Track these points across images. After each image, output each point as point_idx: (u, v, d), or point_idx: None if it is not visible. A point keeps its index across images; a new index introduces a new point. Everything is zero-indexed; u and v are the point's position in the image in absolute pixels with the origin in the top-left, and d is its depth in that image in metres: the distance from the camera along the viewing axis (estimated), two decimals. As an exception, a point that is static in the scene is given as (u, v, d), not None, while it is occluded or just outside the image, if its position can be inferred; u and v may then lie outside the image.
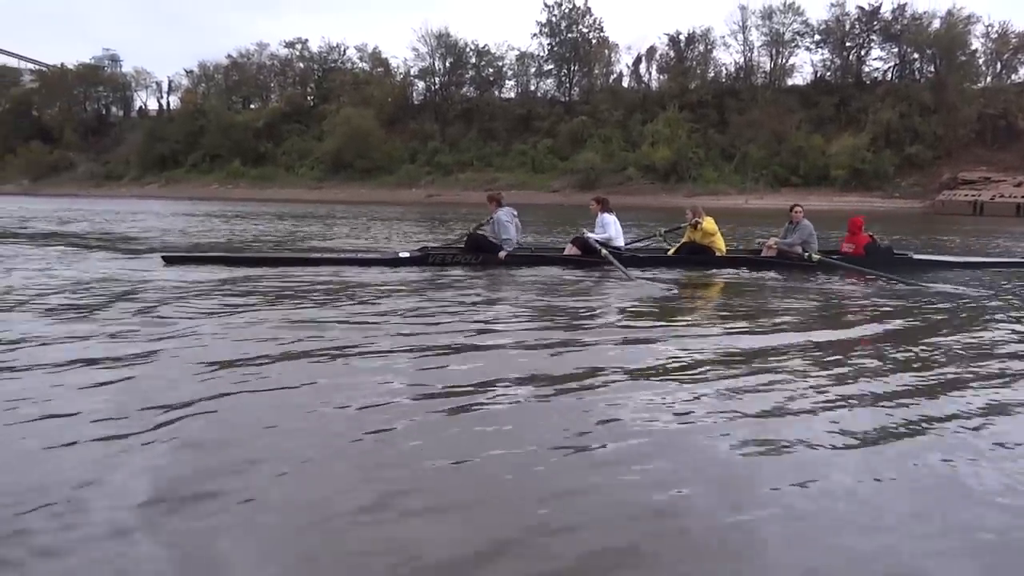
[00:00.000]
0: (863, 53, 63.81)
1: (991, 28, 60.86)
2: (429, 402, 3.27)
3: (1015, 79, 60.76)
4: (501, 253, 8.70)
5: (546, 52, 69.85)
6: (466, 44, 70.95)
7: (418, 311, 5.63)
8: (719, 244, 9.21)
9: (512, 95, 71.93)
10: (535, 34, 70.50)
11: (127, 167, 75.29)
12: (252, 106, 78.61)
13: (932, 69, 59.98)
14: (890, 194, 51.25)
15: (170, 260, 8.46)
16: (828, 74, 64.56)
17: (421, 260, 8.62)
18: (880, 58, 63.62)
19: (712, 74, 67.07)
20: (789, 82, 65.33)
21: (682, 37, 66.69)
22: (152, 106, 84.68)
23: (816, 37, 64.22)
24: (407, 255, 8.86)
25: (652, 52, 69.25)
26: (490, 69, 71.81)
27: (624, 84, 70.61)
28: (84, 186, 69.77)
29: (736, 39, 65.92)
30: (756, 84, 64.38)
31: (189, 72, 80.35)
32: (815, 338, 4.93)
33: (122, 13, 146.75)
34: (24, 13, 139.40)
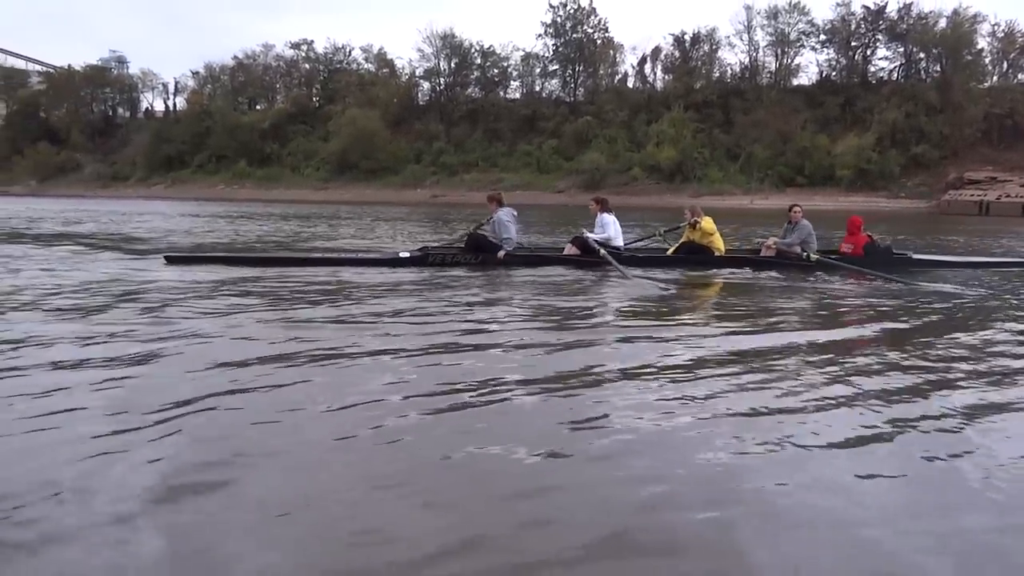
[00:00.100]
0: (869, 53, 63.77)
1: (997, 27, 60.84)
2: (425, 400, 3.30)
3: (1022, 78, 60.65)
4: (500, 253, 8.75)
5: (551, 52, 70.02)
6: (471, 45, 71.28)
7: (417, 311, 5.67)
8: (718, 244, 9.24)
9: (517, 96, 71.98)
10: (540, 34, 70.95)
11: (133, 168, 75.64)
12: (258, 107, 78.89)
13: (938, 68, 59.84)
14: (896, 194, 51.13)
15: (171, 260, 8.55)
16: (833, 74, 64.45)
17: (421, 260, 8.66)
18: (886, 58, 63.73)
19: (717, 74, 67.05)
20: (794, 82, 65.26)
21: (687, 37, 66.81)
22: (158, 107, 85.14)
23: (821, 37, 64.17)
24: (407, 255, 8.91)
25: (657, 52, 69.35)
26: (495, 70, 71.95)
27: (629, 84, 70.65)
28: (91, 187, 70.13)
29: (741, 39, 66.00)
30: (761, 84, 64.29)
31: (195, 73, 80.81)
32: (811, 338, 4.95)
33: (129, 15, 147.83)
34: (31, 15, 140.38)
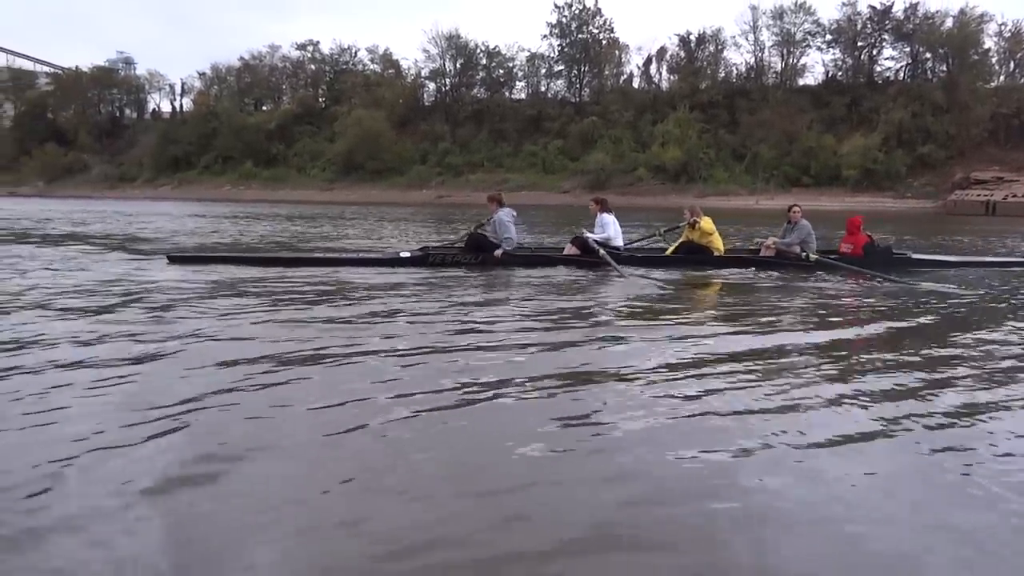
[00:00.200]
0: (875, 53, 63.66)
1: (1004, 27, 60.71)
2: (421, 399, 3.32)
3: (1029, 78, 60.41)
4: (497, 252, 8.79)
5: (556, 53, 70.18)
6: (476, 45, 71.47)
7: (416, 311, 5.70)
8: (717, 244, 9.26)
9: (522, 96, 72.16)
10: (545, 35, 71.16)
11: (140, 169, 76.06)
12: (264, 108, 79.26)
13: (944, 68, 59.66)
14: (902, 194, 50.98)
15: (173, 259, 8.63)
16: (839, 74, 64.36)
17: (421, 260, 8.70)
18: (892, 58, 63.63)
19: (723, 74, 67.04)
20: (800, 82, 65.26)
21: (692, 37, 66.88)
22: (165, 108, 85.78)
23: (827, 37, 64.15)
24: (408, 255, 8.95)
25: (662, 52, 69.43)
26: (500, 70, 72.10)
27: (634, 85, 70.75)
28: (98, 188, 70.57)
29: (747, 39, 66.09)
30: (767, 84, 64.27)
31: (202, 74, 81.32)
32: (809, 338, 4.95)
33: (136, 16, 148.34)
34: (39, 16, 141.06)
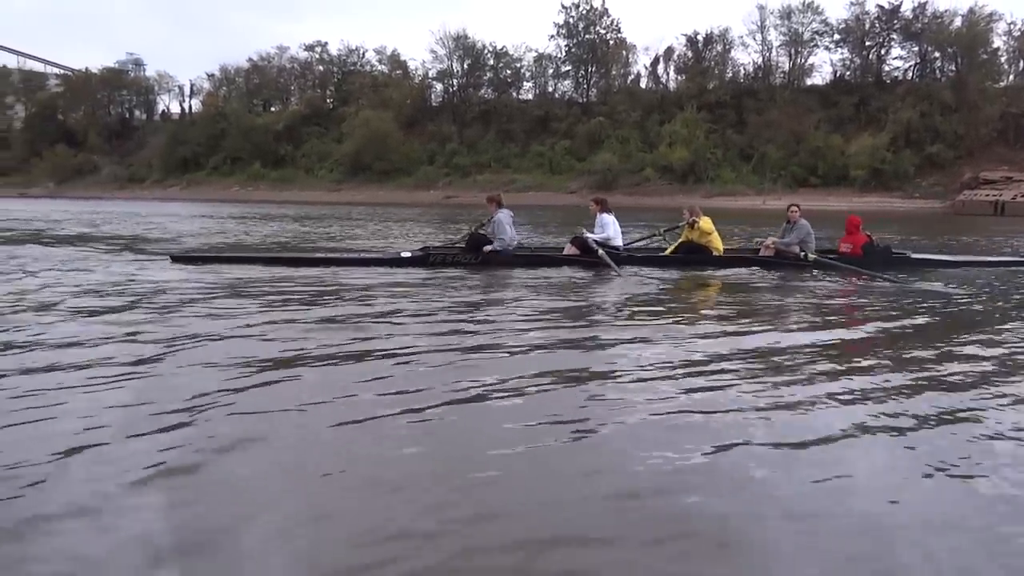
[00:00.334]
0: (883, 52, 63.27)
1: (1013, 26, 60.23)
2: (416, 396, 3.36)
3: (1039, 77, 60.02)
4: (486, 247, 8.87)
5: (564, 53, 70.01)
6: (484, 46, 71.38)
7: (416, 311, 5.75)
8: (716, 243, 9.29)
9: (530, 96, 72.05)
10: (553, 35, 70.90)
11: (150, 170, 76.36)
12: (272, 109, 79.40)
13: (953, 68, 59.29)
14: (910, 194, 50.69)
15: (177, 259, 8.74)
16: (847, 73, 63.99)
17: (422, 260, 8.76)
18: (900, 57, 63.20)
19: (730, 74, 66.80)
20: (808, 82, 64.91)
21: (700, 37, 66.63)
22: (174, 109, 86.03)
23: (835, 36, 63.76)
24: (408, 255, 9.01)
25: (670, 53, 69.21)
26: (508, 71, 72.05)
27: (642, 85, 70.52)
28: (108, 188, 70.93)
29: (754, 39, 65.67)
30: (775, 84, 63.93)
31: (210, 75, 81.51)
32: (807, 337, 4.96)
33: (145, 17, 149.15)
34: (49, 18, 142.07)
